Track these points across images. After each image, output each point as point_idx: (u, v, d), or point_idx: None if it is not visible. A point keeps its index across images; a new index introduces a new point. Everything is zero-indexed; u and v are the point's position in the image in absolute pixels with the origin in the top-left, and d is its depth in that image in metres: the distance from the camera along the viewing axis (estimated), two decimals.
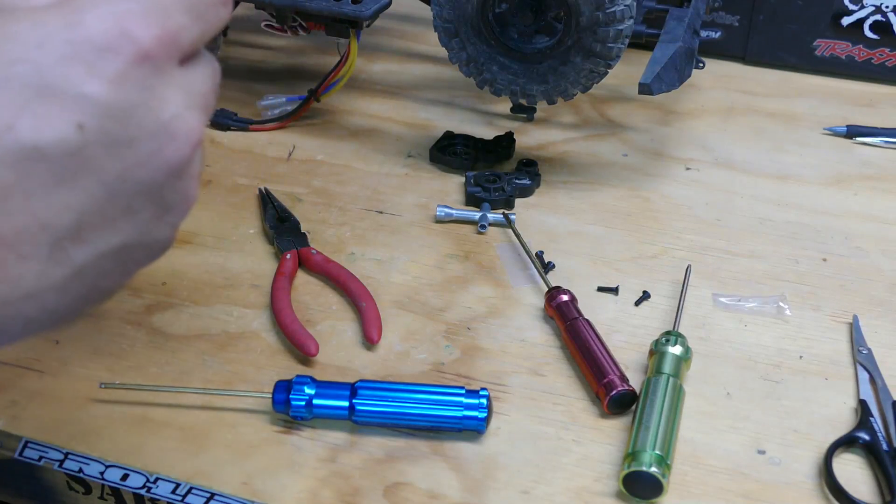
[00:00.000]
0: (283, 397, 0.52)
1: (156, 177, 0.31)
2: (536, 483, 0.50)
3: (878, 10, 0.88)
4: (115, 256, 0.31)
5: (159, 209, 0.32)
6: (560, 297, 0.60)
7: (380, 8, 0.74)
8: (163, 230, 0.33)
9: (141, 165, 0.30)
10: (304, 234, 0.68)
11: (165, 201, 0.32)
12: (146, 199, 0.31)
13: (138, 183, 0.30)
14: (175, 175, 0.31)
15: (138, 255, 0.33)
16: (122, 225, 0.31)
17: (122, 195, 0.30)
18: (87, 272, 0.31)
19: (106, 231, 0.30)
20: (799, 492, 0.50)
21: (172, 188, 0.32)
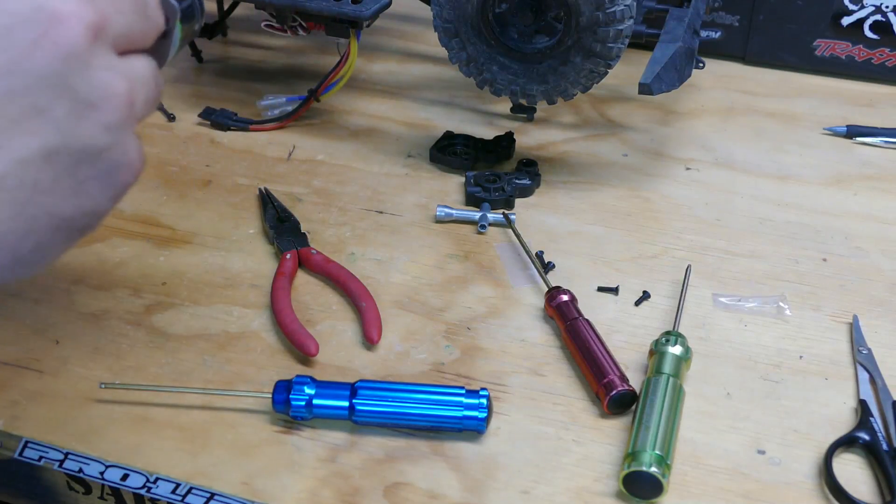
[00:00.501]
0: (283, 397, 0.53)
1: (49, 64, 0.29)
2: (536, 483, 0.50)
3: (878, 10, 0.88)
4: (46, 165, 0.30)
5: (75, 104, 0.30)
6: (560, 297, 0.60)
7: (380, 8, 0.74)
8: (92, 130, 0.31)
9: (26, 54, 0.29)
10: (304, 234, 0.68)
11: (78, 94, 0.30)
12: (51, 92, 0.30)
13: (30, 73, 0.29)
14: (76, 61, 0.30)
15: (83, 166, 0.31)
16: (31, 125, 0.29)
17: (17, 91, 0.29)
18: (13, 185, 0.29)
19: (15, 133, 0.29)
20: (799, 492, 0.50)
21: (81, 78, 0.30)
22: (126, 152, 0.32)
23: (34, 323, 0.61)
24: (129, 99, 0.32)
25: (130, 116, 0.32)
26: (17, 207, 0.30)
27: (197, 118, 0.83)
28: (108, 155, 0.32)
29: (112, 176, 0.32)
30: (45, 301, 0.62)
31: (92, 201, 0.32)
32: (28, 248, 0.31)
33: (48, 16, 0.29)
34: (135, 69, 0.33)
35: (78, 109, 0.30)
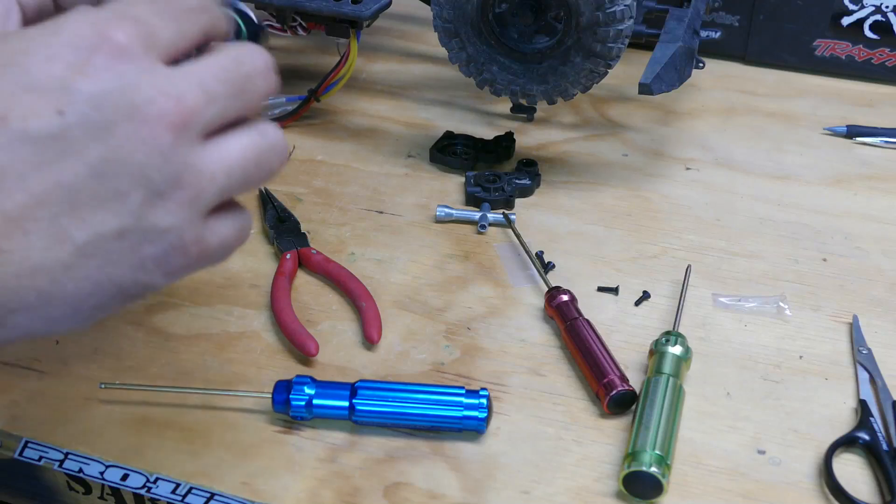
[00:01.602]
0: (283, 397, 0.52)
1: (135, 157, 0.33)
2: (536, 483, 0.50)
3: (878, 10, 0.88)
4: (117, 240, 0.34)
5: (149, 193, 0.34)
6: (560, 297, 0.60)
7: (380, 8, 0.74)
8: (160, 217, 0.34)
9: (120, 147, 0.33)
10: (304, 234, 0.68)
11: (153, 184, 0.34)
12: (132, 182, 0.33)
13: (120, 163, 0.33)
14: (157, 157, 0.33)
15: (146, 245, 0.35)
16: (113, 206, 0.33)
17: (108, 176, 0.33)
18: (91, 253, 0.33)
19: (99, 211, 0.33)
20: (799, 492, 0.50)
21: (158, 171, 0.33)
22: (184, 238, 0.35)
23: None
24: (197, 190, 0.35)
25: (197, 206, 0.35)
26: (88, 272, 0.34)
27: None
28: (166, 238, 0.35)
29: (168, 258, 0.35)
30: None
31: (147, 276, 0.35)
32: (88, 307, 0.35)
33: (141, 116, 0.33)
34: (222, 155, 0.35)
35: (150, 197, 0.34)
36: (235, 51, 0.37)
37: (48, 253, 0.33)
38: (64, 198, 0.33)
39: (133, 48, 0.33)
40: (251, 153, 0.36)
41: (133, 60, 0.33)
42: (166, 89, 0.34)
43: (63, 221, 0.33)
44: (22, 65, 0.33)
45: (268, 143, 0.37)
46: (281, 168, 0.38)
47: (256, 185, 0.37)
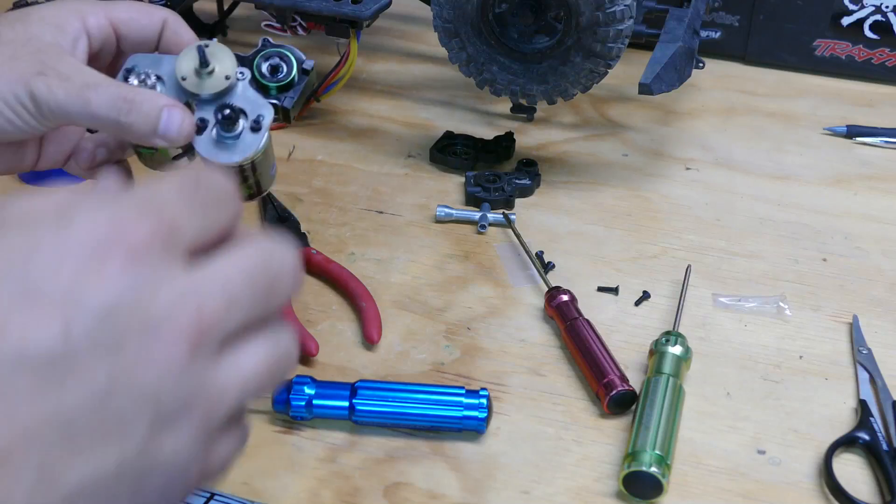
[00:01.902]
0: (283, 397, 0.53)
1: (146, 379, 0.28)
2: (536, 483, 0.50)
3: (878, 10, 0.88)
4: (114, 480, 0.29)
5: (157, 420, 0.29)
6: (560, 297, 0.60)
7: (380, 8, 0.74)
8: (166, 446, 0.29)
9: (129, 368, 0.28)
10: (304, 234, 0.68)
11: (162, 409, 0.29)
12: (138, 408, 0.28)
13: (128, 387, 0.28)
14: (169, 377, 0.29)
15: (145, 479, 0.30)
16: (114, 439, 0.28)
17: (112, 403, 0.28)
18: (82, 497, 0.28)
19: (97, 446, 0.28)
20: (799, 492, 0.50)
21: (169, 393, 0.29)
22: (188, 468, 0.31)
23: None
24: (209, 410, 0.30)
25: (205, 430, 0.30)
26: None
27: None
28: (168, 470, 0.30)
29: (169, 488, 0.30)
30: None
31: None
32: None
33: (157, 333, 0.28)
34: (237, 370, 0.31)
35: (157, 425, 0.29)
36: (263, 247, 0.32)
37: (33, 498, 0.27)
38: (60, 431, 0.27)
39: (153, 248, 0.29)
40: (266, 365, 0.32)
41: (152, 263, 0.29)
42: (187, 298, 0.29)
43: (54, 460, 0.27)
44: (26, 266, 0.28)
45: (283, 351, 0.33)
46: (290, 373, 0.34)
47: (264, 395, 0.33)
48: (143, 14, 0.53)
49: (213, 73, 0.50)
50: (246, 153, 0.50)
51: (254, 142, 0.50)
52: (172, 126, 0.48)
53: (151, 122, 0.47)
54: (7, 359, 0.27)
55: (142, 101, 0.47)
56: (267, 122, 0.50)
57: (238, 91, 0.51)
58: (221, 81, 0.50)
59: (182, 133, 0.48)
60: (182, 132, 0.48)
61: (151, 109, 0.47)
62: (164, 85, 0.50)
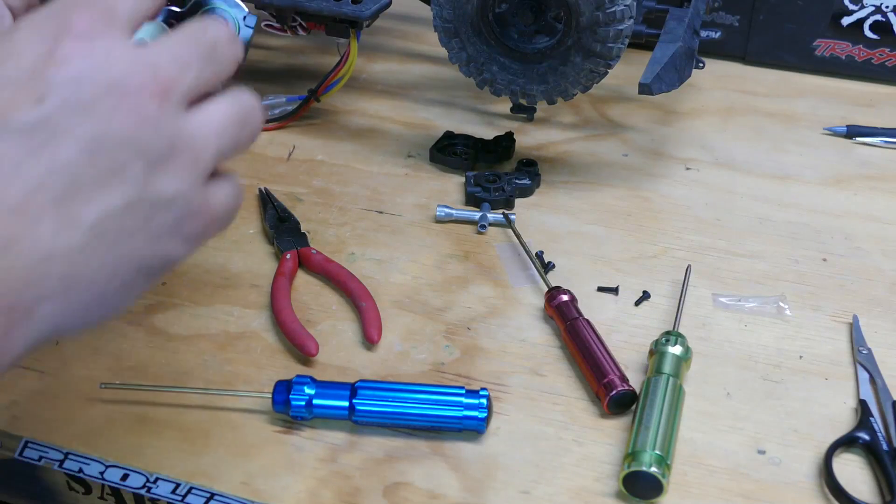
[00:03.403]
0: (283, 397, 0.52)
1: (124, 129, 0.33)
2: (536, 483, 0.50)
3: (878, 10, 0.88)
4: (127, 214, 0.34)
5: (149, 162, 0.34)
6: (560, 297, 0.60)
7: (380, 8, 0.74)
8: (165, 184, 0.35)
9: (107, 122, 0.33)
10: (304, 234, 0.68)
11: (149, 153, 0.34)
12: (127, 153, 0.34)
13: (111, 138, 0.33)
14: (146, 126, 0.34)
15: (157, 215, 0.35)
16: (115, 181, 0.34)
17: (102, 152, 0.33)
18: (102, 231, 0.34)
19: (102, 188, 0.33)
20: (799, 492, 0.50)
21: (151, 139, 0.34)
22: (192, 202, 0.36)
23: None
24: (195, 154, 0.36)
25: (197, 169, 0.36)
26: (105, 251, 0.34)
27: None
28: (175, 205, 0.35)
29: (181, 224, 0.36)
30: None
31: (166, 246, 0.36)
32: (113, 289, 0.35)
33: (121, 89, 0.34)
34: (207, 120, 0.36)
35: (150, 166, 0.34)
36: (196, 23, 0.37)
37: (59, 237, 0.33)
38: (64, 181, 0.33)
39: (96, 28, 0.34)
40: (234, 116, 0.37)
41: (99, 39, 0.34)
42: (140, 61, 0.34)
43: (68, 204, 0.33)
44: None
45: (245, 105, 0.38)
46: (260, 130, 0.39)
47: (243, 148, 0.38)
48: None
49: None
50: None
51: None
52: None
53: None
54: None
55: None
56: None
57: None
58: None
59: None
60: None
61: None
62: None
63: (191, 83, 0.36)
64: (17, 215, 0.32)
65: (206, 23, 0.38)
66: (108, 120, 0.33)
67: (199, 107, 0.36)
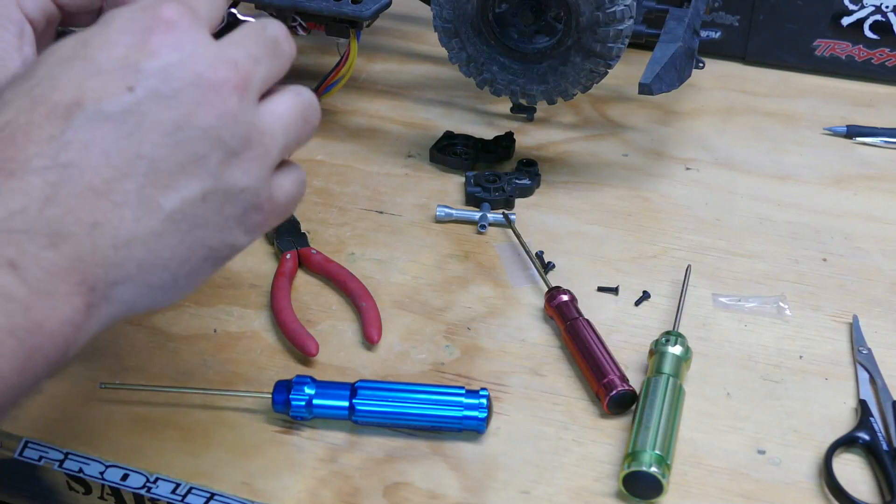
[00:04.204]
0: (283, 397, 0.52)
1: (207, 120, 0.35)
2: (536, 483, 0.50)
3: (878, 10, 0.88)
4: (202, 203, 0.36)
5: (224, 153, 0.36)
6: (560, 297, 0.60)
7: (380, 8, 0.74)
8: (237, 176, 0.36)
9: (190, 113, 0.35)
10: (304, 234, 0.68)
11: (227, 144, 0.36)
12: (208, 144, 0.35)
13: (194, 128, 0.35)
14: (226, 118, 0.36)
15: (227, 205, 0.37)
16: (194, 170, 0.35)
17: (185, 142, 0.35)
18: (180, 218, 0.35)
19: (182, 177, 0.35)
20: (799, 492, 0.50)
21: (230, 131, 0.36)
22: (260, 195, 0.38)
23: None
24: (265, 147, 0.37)
25: (267, 162, 0.38)
26: (181, 237, 0.36)
27: None
28: (243, 196, 0.37)
29: (247, 215, 0.38)
30: None
31: (232, 235, 0.38)
32: (184, 272, 0.37)
33: (206, 82, 0.35)
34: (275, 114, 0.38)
35: (227, 157, 0.36)
36: (257, 22, 0.39)
37: (140, 223, 0.34)
38: (147, 168, 0.34)
39: (183, 23, 0.36)
40: (297, 111, 0.39)
41: (186, 34, 0.36)
42: (222, 56, 0.36)
43: (150, 191, 0.35)
44: (85, 55, 0.35)
45: (307, 101, 0.40)
46: (318, 126, 0.41)
47: (306, 140, 0.40)
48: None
49: None
50: None
51: None
52: None
53: None
54: (91, 118, 0.34)
55: None
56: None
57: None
58: None
59: None
60: None
61: None
62: None
63: (262, 78, 0.38)
64: (103, 200, 0.34)
65: (264, 22, 0.40)
66: (192, 111, 0.35)
67: (267, 101, 0.38)
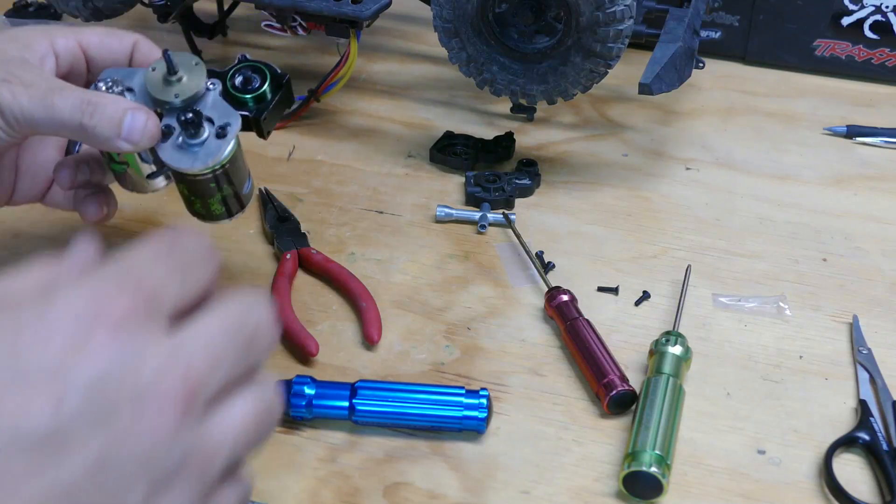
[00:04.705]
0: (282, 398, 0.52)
1: (141, 445, 0.29)
2: (536, 483, 0.50)
3: (878, 10, 0.88)
4: None
5: (154, 483, 0.29)
6: (560, 297, 0.60)
7: (380, 8, 0.74)
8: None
9: (124, 435, 0.29)
10: (304, 234, 0.68)
11: (159, 472, 0.29)
12: (136, 473, 0.29)
13: (124, 454, 0.29)
14: (164, 439, 0.29)
15: None
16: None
17: (110, 470, 0.29)
18: None
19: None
20: (799, 492, 0.50)
21: (163, 456, 0.29)
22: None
23: None
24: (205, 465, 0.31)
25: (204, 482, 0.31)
26: None
27: None
28: None
29: None
30: None
31: None
32: None
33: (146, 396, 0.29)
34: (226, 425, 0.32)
35: (153, 488, 0.29)
36: (240, 303, 0.33)
37: None
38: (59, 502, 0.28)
39: (136, 318, 0.30)
40: (253, 417, 0.33)
41: (136, 332, 0.30)
42: (173, 360, 0.30)
43: None
44: (13, 348, 0.28)
45: (267, 403, 0.33)
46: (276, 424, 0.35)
47: (258, 446, 0.34)
48: (113, 38, 0.54)
49: (182, 81, 0.51)
50: (207, 160, 0.50)
51: (218, 148, 0.50)
52: (136, 127, 0.48)
53: (115, 124, 0.48)
54: (6, 440, 0.27)
55: (105, 104, 0.48)
56: (233, 129, 0.51)
57: (209, 101, 0.51)
58: (189, 88, 0.50)
59: (146, 135, 0.49)
60: (146, 134, 0.49)
61: (115, 112, 0.48)
62: (135, 95, 0.51)
63: (219, 383, 0.31)
64: None
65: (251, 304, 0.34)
66: (124, 434, 0.29)
67: (221, 406, 0.32)
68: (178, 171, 0.51)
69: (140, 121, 0.48)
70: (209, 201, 0.54)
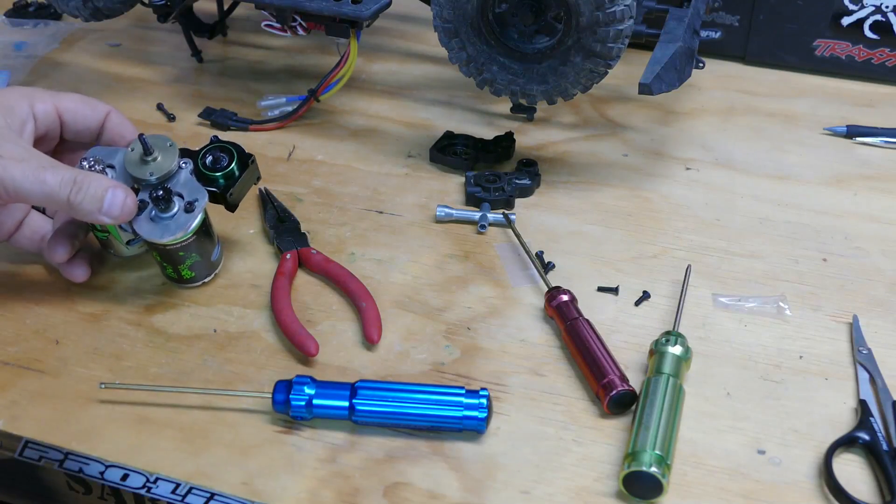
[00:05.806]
0: (283, 397, 0.53)
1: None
2: (536, 483, 0.50)
3: (878, 10, 0.88)
4: None
5: None
6: (560, 297, 0.60)
7: (380, 8, 0.74)
8: None
9: None
10: (304, 234, 0.68)
11: None
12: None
13: None
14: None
15: None
16: None
17: None
18: None
19: None
20: (799, 492, 0.50)
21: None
22: None
23: (34, 323, 0.61)
24: None
25: None
26: None
27: (197, 118, 0.83)
28: None
29: None
30: (45, 301, 0.62)
31: None
32: None
33: None
34: None
35: None
36: None
37: None
38: None
39: None
40: None
41: None
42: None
43: None
44: None
45: None
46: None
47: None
48: (88, 106, 0.61)
49: (156, 161, 0.59)
50: (176, 232, 0.58)
51: (186, 222, 0.58)
52: (115, 204, 0.55)
53: (97, 201, 0.55)
54: None
55: (89, 183, 0.55)
56: (201, 205, 0.59)
57: (181, 178, 0.59)
58: (162, 167, 0.58)
59: (124, 211, 0.56)
60: (124, 210, 0.56)
61: (97, 190, 0.55)
62: (115, 172, 0.59)
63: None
64: None
65: None
66: None
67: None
68: (150, 241, 0.58)
69: (119, 198, 0.55)
70: (179, 267, 0.61)
